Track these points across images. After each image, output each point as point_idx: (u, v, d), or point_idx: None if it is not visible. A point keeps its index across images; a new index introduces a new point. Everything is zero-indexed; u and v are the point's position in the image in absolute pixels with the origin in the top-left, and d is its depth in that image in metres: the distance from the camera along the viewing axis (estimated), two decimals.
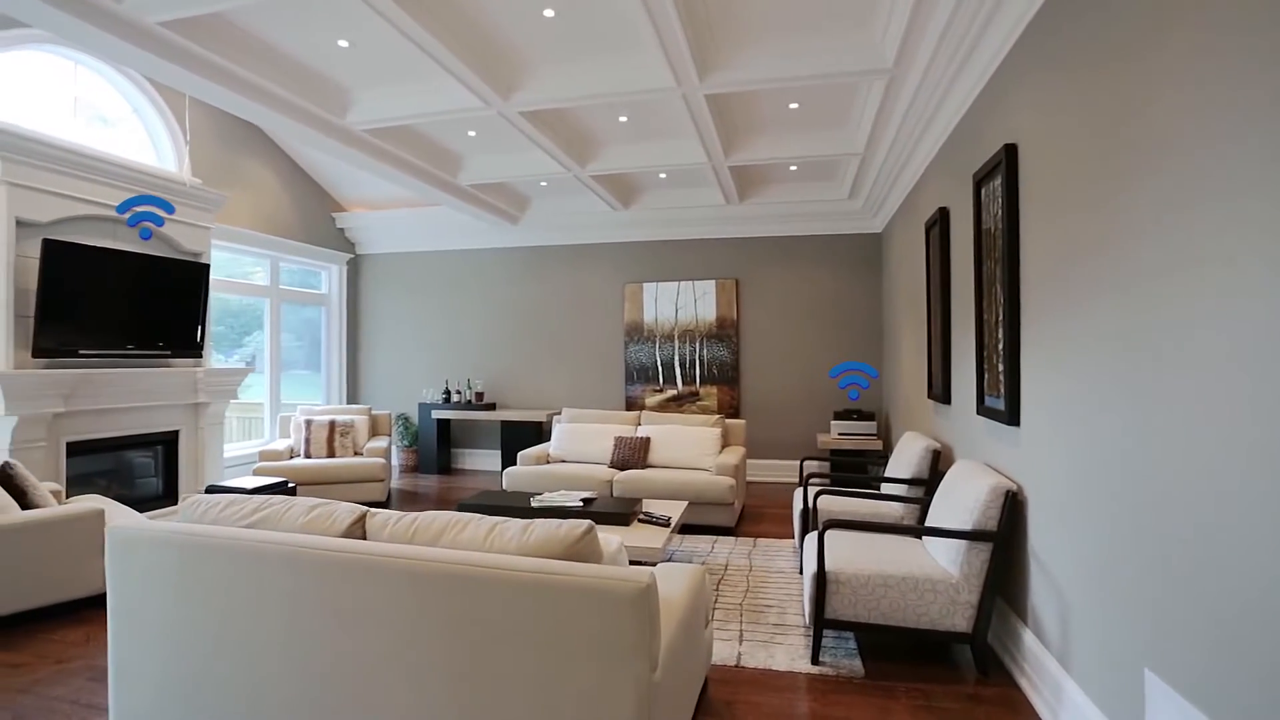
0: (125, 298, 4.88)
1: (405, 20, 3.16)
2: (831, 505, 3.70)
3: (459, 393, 7.63)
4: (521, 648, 1.65)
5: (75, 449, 4.68)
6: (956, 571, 2.56)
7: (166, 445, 5.37)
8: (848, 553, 2.82)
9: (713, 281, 7.12)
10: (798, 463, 4.55)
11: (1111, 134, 1.89)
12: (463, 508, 4.08)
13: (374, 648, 1.78)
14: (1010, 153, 2.62)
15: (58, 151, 4.45)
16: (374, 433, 6.41)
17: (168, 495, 5.35)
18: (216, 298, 6.82)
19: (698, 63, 3.58)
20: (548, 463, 5.65)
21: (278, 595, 1.88)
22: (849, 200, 6.41)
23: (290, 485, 4.80)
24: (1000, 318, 2.75)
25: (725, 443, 5.63)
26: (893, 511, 3.63)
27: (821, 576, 2.65)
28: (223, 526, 2.05)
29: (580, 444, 5.67)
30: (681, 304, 7.22)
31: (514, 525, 1.83)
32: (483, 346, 7.81)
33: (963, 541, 2.55)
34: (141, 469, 5.27)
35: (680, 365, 7.23)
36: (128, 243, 5.02)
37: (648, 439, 5.49)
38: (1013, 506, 2.51)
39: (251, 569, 1.92)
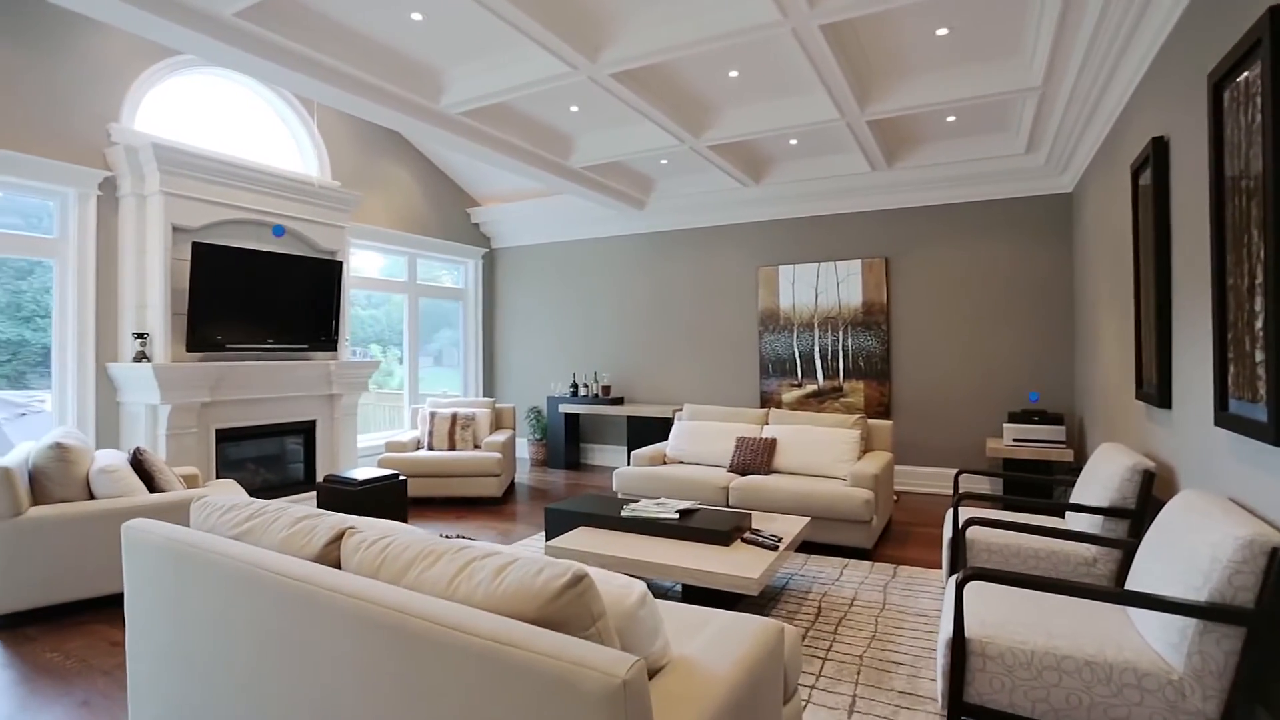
0: (266, 295, 5.16)
1: None
2: (990, 539, 2.85)
3: (586, 386, 7.44)
4: None
5: (223, 436, 5.03)
6: (1180, 663, 1.71)
7: (306, 434, 5.66)
8: (1004, 612, 2.05)
9: (858, 261, 6.22)
10: (964, 472, 3.66)
11: None
12: (550, 513, 3.76)
13: (317, 695, 1.43)
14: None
15: (206, 162, 4.77)
16: (497, 426, 6.36)
17: (308, 481, 5.65)
18: (385, 299, 7.28)
19: None
20: (664, 463, 5.20)
21: (240, 618, 1.60)
22: (1027, 155, 5.22)
23: (401, 479, 4.79)
24: (1259, 280, 1.82)
25: (866, 447, 4.82)
26: (1079, 554, 2.70)
27: (959, 644, 1.92)
28: (214, 535, 1.83)
29: (699, 444, 5.15)
30: (822, 288, 6.41)
31: (490, 565, 1.38)
32: (611, 338, 7.54)
33: (1192, 619, 1.69)
34: (284, 455, 5.60)
35: (821, 357, 6.42)
36: (269, 244, 5.32)
37: (773, 441, 4.83)
38: None
39: (218, 586, 1.66)
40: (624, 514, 3.49)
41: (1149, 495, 2.62)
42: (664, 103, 4.42)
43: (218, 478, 4.96)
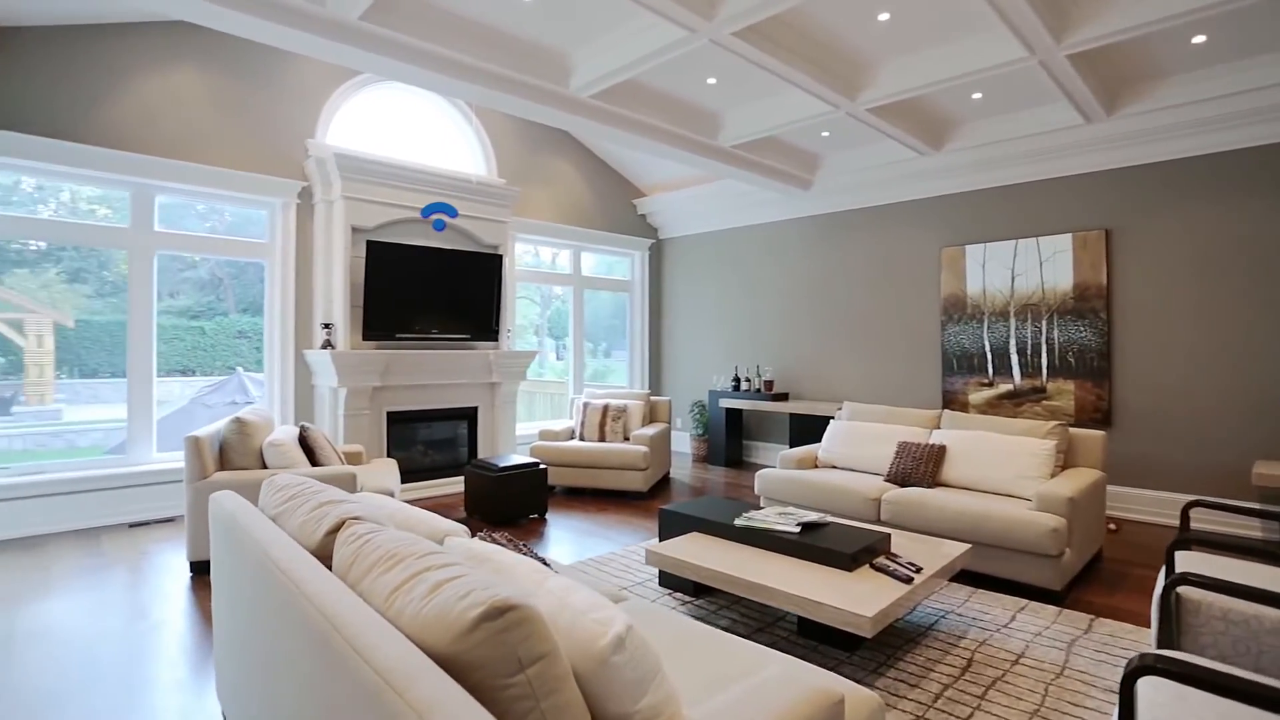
0: (432, 288, 5.55)
1: None
2: (1226, 605, 2.04)
3: (748, 380, 7.06)
4: None
5: (394, 418, 5.49)
6: None
7: (469, 419, 6.01)
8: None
9: (1068, 236, 5.10)
10: (1199, 504, 2.64)
11: None
12: (664, 514, 3.51)
13: (290, 696, 1.34)
14: None
15: (378, 166, 5.24)
16: (651, 419, 6.23)
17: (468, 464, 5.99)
18: (593, 296, 7.68)
19: None
20: (814, 467, 4.69)
21: (258, 601, 1.59)
22: None
23: (541, 467, 4.85)
24: None
25: (1065, 462, 3.90)
26: None
27: None
28: (259, 514, 1.86)
29: (854, 447, 4.56)
30: (1020, 269, 5.37)
31: (432, 580, 1.17)
32: (776, 329, 7.08)
33: None
34: (449, 439, 5.99)
35: (1019, 351, 5.40)
36: (435, 239, 5.72)
37: (942, 448, 4.11)
38: None
39: (242, 564, 1.67)
40: (738, 522, 3.13)
41: None
42: (805, 61, 3.91)
43: (387, 456, 5.44)
